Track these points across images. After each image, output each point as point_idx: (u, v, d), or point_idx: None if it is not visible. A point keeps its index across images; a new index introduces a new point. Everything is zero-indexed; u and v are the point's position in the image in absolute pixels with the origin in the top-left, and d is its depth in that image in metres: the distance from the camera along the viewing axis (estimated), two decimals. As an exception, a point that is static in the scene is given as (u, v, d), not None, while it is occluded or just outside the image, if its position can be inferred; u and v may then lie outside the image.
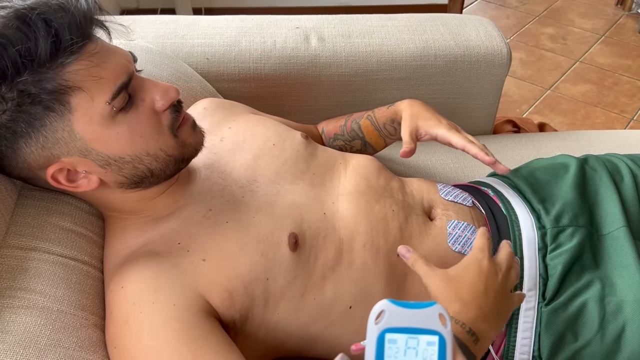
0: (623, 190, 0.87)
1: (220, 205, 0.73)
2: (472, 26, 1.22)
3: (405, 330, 0.45)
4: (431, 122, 0.87)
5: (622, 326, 0.73)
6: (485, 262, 0.65)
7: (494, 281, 0.64)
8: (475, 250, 0.67)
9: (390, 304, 0.45)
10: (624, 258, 0.78)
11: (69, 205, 0.74)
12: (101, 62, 0.62)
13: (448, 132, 0.85)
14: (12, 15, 0.57)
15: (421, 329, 0.45)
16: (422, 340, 0.45)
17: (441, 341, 0.44)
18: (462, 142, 0.83)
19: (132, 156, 0.66)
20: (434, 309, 0.45)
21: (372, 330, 0.45)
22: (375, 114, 0.98)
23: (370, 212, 0.78)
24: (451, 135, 0.84)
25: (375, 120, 0.97)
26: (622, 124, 2.13)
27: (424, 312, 0.45)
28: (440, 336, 0.45)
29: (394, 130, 0.97)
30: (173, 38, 1.12)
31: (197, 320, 0.62)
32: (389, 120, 0.96)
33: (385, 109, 0.97)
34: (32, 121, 0.60)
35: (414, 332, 0.45)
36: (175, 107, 0.69)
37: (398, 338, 0.45)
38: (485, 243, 0.68)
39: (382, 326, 0.45)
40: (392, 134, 0.97)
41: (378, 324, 0.45)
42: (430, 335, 0.45)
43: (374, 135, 0.99)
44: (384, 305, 0.45)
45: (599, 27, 2.71)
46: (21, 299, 0.62)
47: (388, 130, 0.97)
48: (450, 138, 0.84)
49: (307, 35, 1.15)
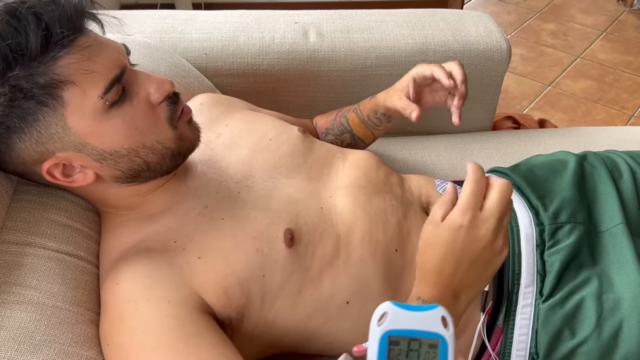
0: (622, 187, 0.86)
1: (216, 201, 0.73)
2: (471, 22, 1.21)
3: (407, 332, 0.45)
4: (404, 80, 0.90)
5: (619, 323, 0.73)
6: (463, 231, 0.59)
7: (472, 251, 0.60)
8: (455, 212, 0.60)
9: (392, 306, 0.46)
10: (622, 255, 0.78)
11: (65, 200, 0.74)
12: (93, 55, 0.62)
13: (420, 68, 0.87)
14: (2, 9, 0.57)
15: (423, 331, 0.45)
16: (424, 343, 0.45)
17: (443, 343, 0.45)
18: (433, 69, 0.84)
19: (128, 149, 0.66)
20: (436, 312, 0.45)
21: (375, 332, 0.45)
22: (360, 106, 0.99)
23: (369, 206, 0.77)
24: (424, 69, 0.86)
25: (360, 113, 0.99)
26: (622, 121, 2.12)
27: (426, 315, 0.45)
28: (442, 339, 0.45)
29: (378, 122, 0.98)
30: (171, 33, 1.11)
31: (193, 317, 0.62)
32: (372, 112, 0.97)
33: (368, 100, 0.98)
34: (25, 116, 0.60)
35: (416, 334, 0.45)
36: (172, 99, 0.69)
37: (400, 340, 0.45)
38: (470, 199, 0.60)
39: (384, 328, 0.45)
40: (377, 124, 0.98)
41: (380, 325, 0.45)
42: (432, 337, 0.45)
43: (361, 127, 0.99)
44: (387, 307, 0.46)
45: (600, 23, 2.70)
46: (16, 295, 0.62)
47: (373, 121, 0.98)
48: (424, 72, 0.86)
49: (306, 31, 1.14)
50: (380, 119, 0.97)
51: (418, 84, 0.88)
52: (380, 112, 0.95)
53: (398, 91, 0.90)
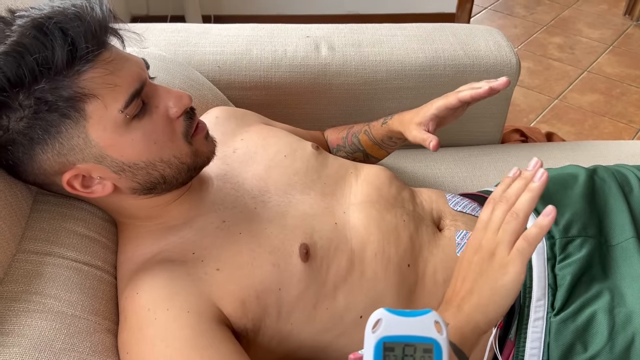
0: (632, 201, 0.87)
1: (233, 216, 0.74)
2: (481, 36, 1.22)
3: (402, 338, 0.45)
4: (423, 115, 0.88)
5: (631, 337, 0.73)
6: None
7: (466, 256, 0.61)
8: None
9: (386, 313, 0.46)
10: (634, 269, 0.78)
11: (83, 211, 0.75)
12: (116, 69, 0.63)
13: (443, 100, 0.86)
14: (30, 24, 0.58)
15: (417, 336, 0.45)
16: (419, 348, 0.45)
17: (437, 348, 0.45)
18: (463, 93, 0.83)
19: (146, 162, 0.67)
20: (430, 317, 0.46)
21: (370, 339, 0.45)
22: (372, 130, 1.00)
23: (381, 222, 0.78)
24: (447, 98, 0.85)
25: (373, 137, 1.00)
26: (630, 134, 2.13)
27: (420, 320, 0.46)
28: (437, 343, 0.45)
29: (393, 144, 1.00)
30: (185, 46, 1.13)
31: (210, 328, 0.63)
32: (386, 137, 0.98)
33: (379, 126, 0.98)
34: (48, 128, 0.61)
35: (411, 339, 0.45)
36: (188, 114, 0.70)
37: (395, 346, 0.45)
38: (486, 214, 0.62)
39: (379, 335, 0.45)
40: (392, 146, 1.00)
41: (375, 332, 0.45)
42: (427, 342, 0.45)
43: (375, 148, 1.01)
44: (381, 314, 0.46)
45: (606, 36, 2.71)
46: (36, 303, 0.63)
47: (387, 144, 1.00)
48: (449, 103, 0.84)
49: (318, 44, 1.16)
50: (395, 142, 0.99)
51: (440, 117, 0.87)
52: (396, 137, 0.96)
53: (416, 125, 0.88)
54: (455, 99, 0.84)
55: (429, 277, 0.77)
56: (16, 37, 0.57)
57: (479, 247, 0.61)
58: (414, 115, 0.90)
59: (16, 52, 0.57)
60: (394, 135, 0.96)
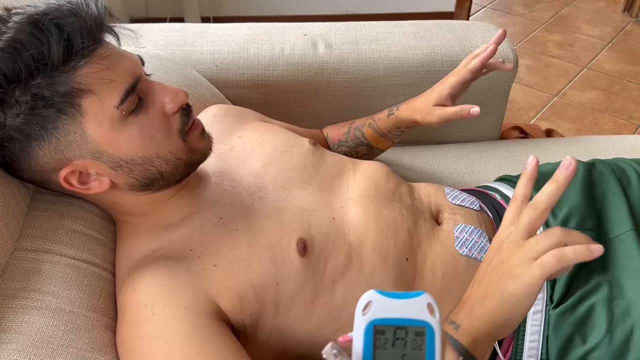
0: (630, 194, 0.87)
1: (230, 213, 0.74)
2: (478, 32, 1.22)
3: (393, 321, 0.43)
4: (434, 92, 0.91)
5: (630, 329, 0.73)
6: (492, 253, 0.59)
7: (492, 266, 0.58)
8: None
9: (377, 295, 0.44)
10: (632, 261, 0.78)
11: (81, 208, 0.75)
12: (111, 65, 0.63)
13: (454, 77, 0.89)
14: (25, 20, 0.59)
15: (409, 319, 0.43)
16: (411, 331, 0.43)
17: (430, 331, 0.43)
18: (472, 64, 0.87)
19: (143, 158, 0.67)
20: (422, 299, 0.44)
21: (360, 321, 0.43)
22: (377, 122, 1.00)
23: (379, 216, 0.78)
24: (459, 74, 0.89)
25: (379, 129, 1.00)
26: (630, 130, 2.12)
27: (412, 302, 0.44)
28: (429, 326, 0.43)
29: (401, 133, 1.00)
30: (182, 45, 1.13)
31: (208, 324, 0.63)
32: (394, 128, 0.99)
33: (385, 118, 0.99)
34: (45, 124, 0.61)
35: (402, 322, 0.43)
36: (184, 110, 0.70)
37: (386, 329, 0.43)
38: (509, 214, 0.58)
39: (369, 317, 0.43)
40: (399, 135, 1.01)
41: (365, 314, 0.44)
42: (419, 325, 0.43)
43: (380, 140, 1.01)
44: (371, 296, 0.44)
45: (606, 33, 2.71)
46: (34, 300, 0.63)
47: (394, 134, 1.00)
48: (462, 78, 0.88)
49: (315, 42, 1.16)
50: (403, 131, 1.00)
51: (454, 94, 0.90)
52: (405, 126, 0.98)
53: (435, 107, 0.90)
54: (466, 72, 0.87)
55: (427, 271, 0.77)
56: (12, 33, 0.58)
57: (500, 249, 0.58)
58: (427, 98, 0.92)
59: (12, 48, 0.57)
60: (403, 124, 0.97)
